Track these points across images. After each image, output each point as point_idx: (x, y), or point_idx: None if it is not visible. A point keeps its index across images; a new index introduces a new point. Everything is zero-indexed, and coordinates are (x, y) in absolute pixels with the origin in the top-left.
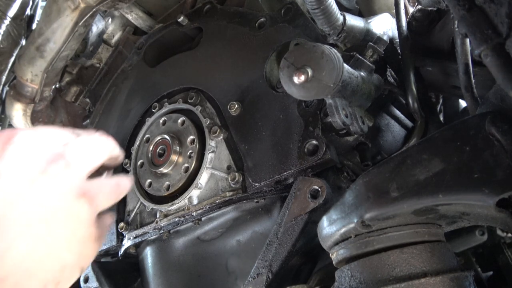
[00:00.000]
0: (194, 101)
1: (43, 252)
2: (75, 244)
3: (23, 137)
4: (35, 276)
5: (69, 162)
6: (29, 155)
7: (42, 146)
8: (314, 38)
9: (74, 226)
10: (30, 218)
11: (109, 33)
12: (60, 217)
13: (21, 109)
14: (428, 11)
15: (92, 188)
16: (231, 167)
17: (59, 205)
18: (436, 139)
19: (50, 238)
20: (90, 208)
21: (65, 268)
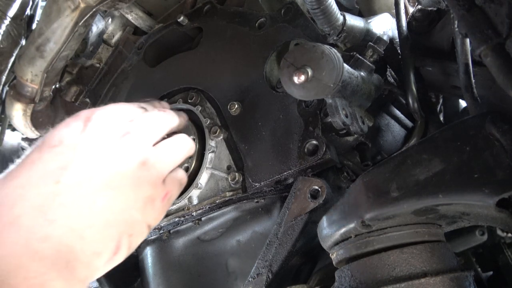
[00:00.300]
0: (194, 101)
1: (117, 208)
2: (141, 203)
3: (100, 115)
4: (113, 227)
5: (134, 136)
6: (104, 130)
7: (114, 122)
8: (314, 38)
9: (139, 188)
10: (107, 179)
11: (109, 33)
12: (128, 180)
13: (21, 109)
14: (428, 11)
15: (153, 156)
16: (231, 167)
17: (127, 170)
18: (436, 139)
19: (121, 197)
20: (151, 173)
21: (135, 223)
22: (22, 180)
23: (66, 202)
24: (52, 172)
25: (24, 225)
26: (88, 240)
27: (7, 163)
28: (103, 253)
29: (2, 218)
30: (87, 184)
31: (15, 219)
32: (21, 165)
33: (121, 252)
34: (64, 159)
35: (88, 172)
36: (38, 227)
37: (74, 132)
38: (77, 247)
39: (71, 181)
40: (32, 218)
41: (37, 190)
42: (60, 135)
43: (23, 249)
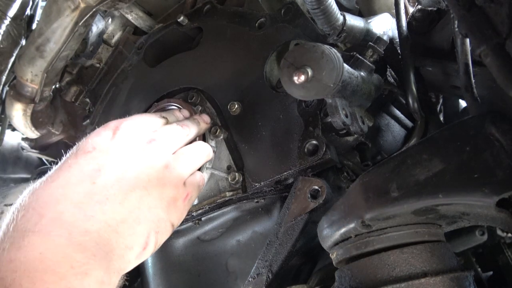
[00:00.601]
0: (194, 101)
1: (145, 206)
2: (165, 203)
3: (127, 125)
4: (142, 223)
5: (158, 143)
6: (131, 137)
7: (140, 131)
8: (314, 38)
9: (163, 189)
10: (136, 180)
11: (109, 33)
12: (153, 181)
13: (21, 109)
14: (428, 11)
15: (175, 161)
16: (231, 167)
17: (152, 172)
18: (436, 139)
19: (148, 196)
20: (173, 176)
21: (160, 221)
22: (62, 181)
23: (101, 200)
24: (88, 174)
25: (66, 221)
26: (121, 235)
27: (7, 163)
28: (134, 247)
29: (47, 214)
30: (119, 184)
31: (58, 215)
32: (59, 169)
33: (149, 247)
34: (98, 162)
35: (119, 173)
36: (79, 222)
37: (105, 139)
38: (112, 240)
39: (105, 182)
40: (73, 214)
41: (76, 189)
42: (92, 142)
43: (68, 242)
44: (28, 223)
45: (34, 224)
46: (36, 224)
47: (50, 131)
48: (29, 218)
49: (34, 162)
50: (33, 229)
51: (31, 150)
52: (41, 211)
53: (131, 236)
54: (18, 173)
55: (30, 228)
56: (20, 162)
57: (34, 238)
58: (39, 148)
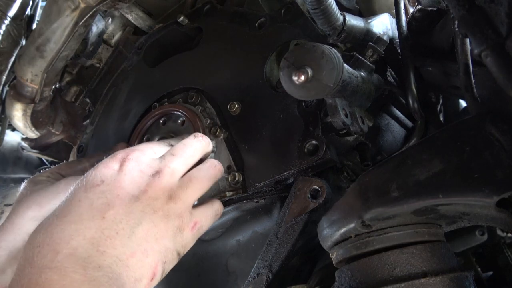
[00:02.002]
0: (194, 101)
1: (152, 238)
2: (171, 233)
3: (134, 157)
4: (150, 255)
5: (162, 175)
6: (138, 170)
7: (146, 163)
8: (314, 38)
9: (168, 220)
10: (142, 214)
11: (109, 33)
12: (159, 213)
13: (21, 109)
14: (428, 11)
15: (179, 190)
16: (231, 167)
17: (157, 205)
18: (436, 139)
19: (155, 228)
20: (178, 206)
21: (167, 251)
22: (74, 217)
23: (112, 234)
24: (98, 209)
25: (81, 256)
26: (131, 268)
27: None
28: (143, 279)
29: (62, 250)
30: (127, 218)
31: (73, 251)
32: (69, 203)
33: (156, 277)
34: (106, 196)
35: (126, 208)
36: (92, 258)
37: (112, 172)
38: (123, 274)
39: (114, 216)
40: (87, 250)
41: (88, 225)
42: (101, 175)
43: (83, 278)
44: (44, 259)
45: (50, 261)
46: (52, 261)
47: (50, 131)
48: (45, 254)
49: (34, 162)
50: (49, 266)
51: (31, 150)
52: (56, 247)
53: (140, 269)
54: (18, 173)
55: (46, 264)
56: (20, 162)
57: (51, 274)
58: (39, 148)
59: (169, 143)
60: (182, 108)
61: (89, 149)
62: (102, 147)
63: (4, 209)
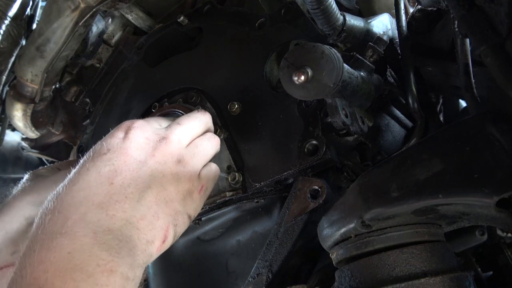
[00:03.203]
0: (194, 101)
1: (162, 201)
2: (181, 196)
3: (138, 124)
4: (160, 218)
5: (169, 139)
6: (143, 136)
7: (151, 129)
8: (314, 38)
9: (178, 183)
10: (151, 177)
11: (109, 33)
12: (168, 177)
13: (21, 109)
14: (428, 11)
15: (187, 155)
16: (231, 167)
17: (166, 168)
18: (436, 139)
19: (164, 191)
20: (187, 169)
21: (178, 214)
22: (82, 184)
23: (120, 199)
24: (105, 175)
25: (90, 221)
26: (142, 231)
27: (7, 163)
28: (155, 241)
29: (72, 216)
30: (135, 183)
31: (82, 216)
32: (78, 172)
33: (168, 240)
34: (113, 163)
35: (134, 173)
36: (102, 222)
37: (118, 140)
38: (134, 236)
39: (122, 181)
40: (96, 215)
41: (96, 191)
42: (107, 144)
43: (93, 241)
44: (55, 226)
45: (60, 226)
46: (63, 226)
47: (50, 131)
48: (55, 221)
49: (34, 162)
50: (60, 231)
51: (31, 150)
52: (66, 213)
53: (151, 231)
54: (18, 173)
55: (57, 230)
56: (20, 162)
57: (61, 239)
58: (39, 148)
59: (172, 118)
60: (179, 107)
61: (89, 149)
62: None
63: None
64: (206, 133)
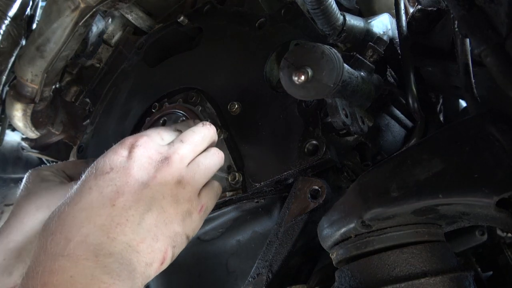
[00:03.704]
0: (194, 101)
1: (162, 223)
2: (180, 217)
3: (142, 143)
4: (160, 240)
5: (170, 161)
6: (146, 157)
7: (154, 149)
8: (314, 38)
9: (177, 204)
10: (151, 200)
11: (109, 33)
12: (168, 199)
13: (21, 109)
14: (428, 11)
15: (187, 175)
16: (231, 167)
17: (166, 190)
18: (436, 139)
19: (164, 214)
20: (187, 190)
21: (176, 236)
22: (84, 204)
23: (121, 221)
24: (108, 197)
25: (92, 243)
26: (142, 254)
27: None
28: (154, 264)
29: (74, 238)
30: (136, 205)
31: (84, 238)
32: (80, 191)
33: (166, 261)
34: (116, 184)
35: (135, 195)
36: (103, 245)
37: (121, 159)
38: (134, 260)
39: (123, 204)
40: (98, 237)
41: (98, 212)
42: (110, 162)
43: (94, 264)
44: (57, 247)
45: (63, 248)
46: (65, 248)
47: (50, 131)
48: (57, 242)
49: (34, 162)
50: (62, 253)
51: (31, 150)
52: (68, 235)
53: (150, 254)
54: (18, 173)
55: (59, 252)
56: (20, 162)
57: (64, 262)
58: (39, 148)
59: (175, 128)
60: (180, 107)
61: (89, 149)
62: (102, 147)
63: (4, 209)
64: (210, 148)
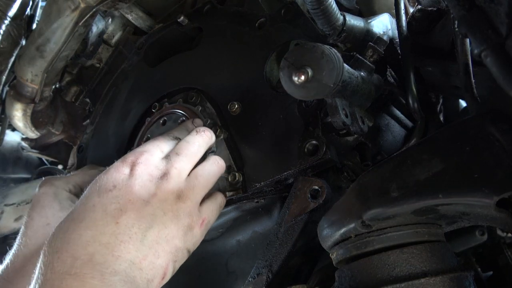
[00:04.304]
0: (194, 101)
1: (163, 240)
2: (181, 232)
3: (143, 160)
4: (161, 257)
5: (170, 176)
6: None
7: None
8: (314, 38)
9: (178, 220)
10: (153, 217)
11: (109, 33)
12: (169, 215)
13: (21, 109)
14: (428, 11)
15: (186, 188)
16: (231, 167)
17: (167, 206)
18: (436, 139)
19: (165, 230)
20: (187, 205)
21: (178, 251)
22: (89, 223)
23: (125, 239)
24: (111, 214)
25: (97, 262)
26: (144, 271)
27: (7, 163)
28: (155, 280)
29: (80, 257)
30: (138, 223)
31: (90, 257)
32: (84, 208)
33: (167, 277)
34: (119, 201)
35: (138, 212)
36: (108, 263)
37: (124, 177)
38: (137, 277)
39: (126, 221)
40: (103, 256)
41: (103, 230)
42: (112, 180)
43: (100, 283)
44: (64, 266)
45: (69, 267)
46: (72, 267)
47: (50, 131)
48: (64, 260)
49: (34, 162)
50: (69, 272)
51: (31, 150)
52: (74, 253)
53: (152, 270)
54: (18, 173)
55: (66, 271)
56: (20, 162)
57: (71, 281)
58: (39, 148)
59: (173, 136)
60: (182, 108)
61: (89, 149)
62: (102, 147)
63: (4, 209)
64: (210, 156)
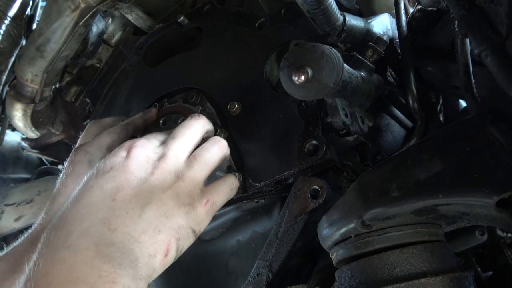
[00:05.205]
0: (194, 101)
1: (163, 216)
2: (183, 211)
3: (139, 144)
4: (162, 232)
5: (168, 157)
6: (144, 155)
7: (151, 148)
8: (314, 38)
9: (178, 198)
10: (151, 194)
11: (109, 33)
12: (167, 193)
13: (21, 109)
14: (428, 11)
15: (186, 169)
16: (231, 167)
17: (165, 185)
18: (436, 139)
19: (164, 207)
20: (187, 184)
21: (180, 228)
22: (86, 201)
23: (122, 214)
24: (108, 192)
25: (93, 235)
26: (144, 244)
27: (7, 163)
28: (157, 255)
29: (75, 231)
30: (136, 199)
31: (85, 230)
32: (82, 190)
33: (170, 254)
34: (116, 180)
35: (135, 189)
36: (104, 235)
37: (120, 159)
38: (136, 250)
39: (123, 198)
40: (98, 229)
41: (99, 207)
42: (109, 162)
43: (95, 254)
44: (58, 240)
45: (64, 240)
46: (66, 240)
47: (50, 131)
48: (59, 236)
49: (34, 162)
50: (63, 245)
51: (31, 150)
52: (70, 228)
53: (153, 245)
54: (18, 173)
55: (61, 244)
56: (20, 162)
57: (65, 253)
58: (39, 148)
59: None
60: (182, 108)
61: None
62: None
63: (4, 209)
64: (211, 138)
